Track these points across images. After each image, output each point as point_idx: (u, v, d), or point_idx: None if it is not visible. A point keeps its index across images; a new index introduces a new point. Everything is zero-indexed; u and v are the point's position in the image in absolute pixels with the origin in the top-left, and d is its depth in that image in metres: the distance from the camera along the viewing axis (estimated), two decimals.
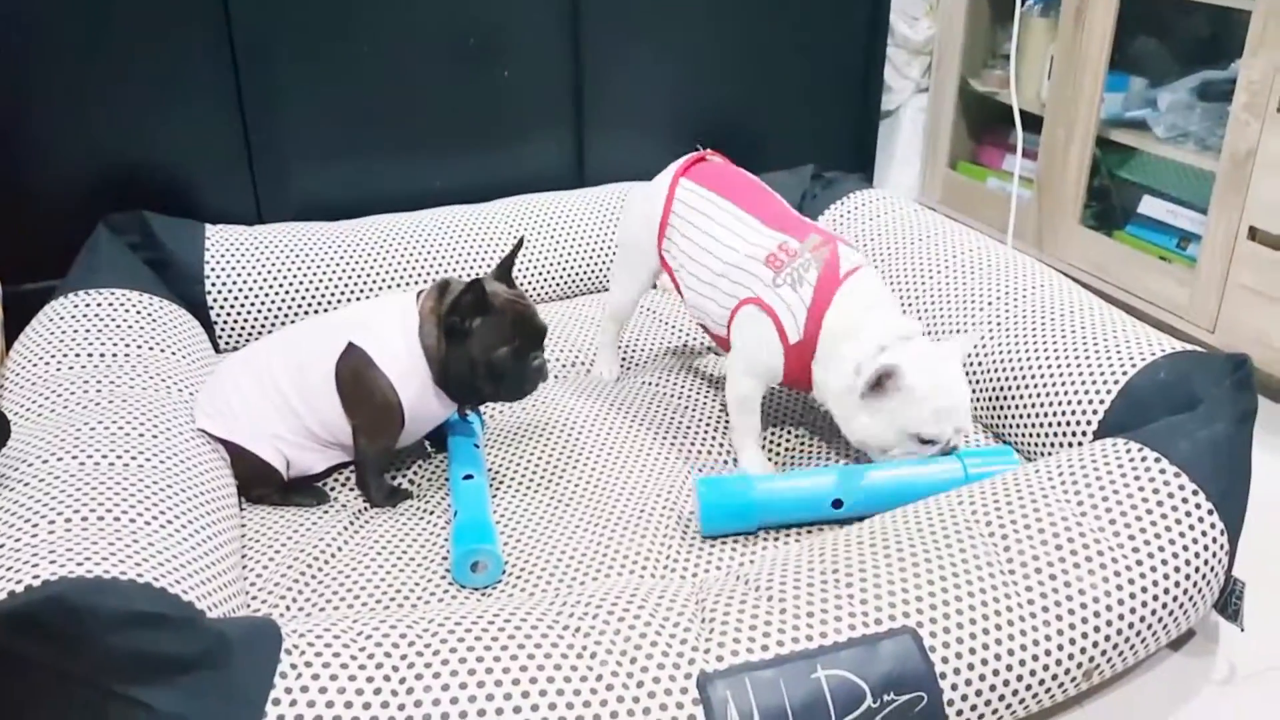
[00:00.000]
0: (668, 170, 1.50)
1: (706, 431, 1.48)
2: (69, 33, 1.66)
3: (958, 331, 1.54)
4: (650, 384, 1.59)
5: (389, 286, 1.74)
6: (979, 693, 0.97)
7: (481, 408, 1.47)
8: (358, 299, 1.72)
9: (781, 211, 1.41)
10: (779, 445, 1.47)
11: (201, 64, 1.75)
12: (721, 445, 1.46)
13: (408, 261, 1.76)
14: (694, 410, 1.53)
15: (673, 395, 1.57)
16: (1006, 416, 1.44)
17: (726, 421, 1.49)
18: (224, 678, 0.86)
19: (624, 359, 1.68)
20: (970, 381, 1.50)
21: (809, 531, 1.27)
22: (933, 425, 1.26)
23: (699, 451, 1.44)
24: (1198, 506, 1.10)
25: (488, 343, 1.24)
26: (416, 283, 1.75)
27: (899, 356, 1.23)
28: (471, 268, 1.79)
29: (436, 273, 1.77)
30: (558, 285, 1.87)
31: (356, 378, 1.26)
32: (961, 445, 1.30)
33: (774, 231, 1.36)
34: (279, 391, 1.28)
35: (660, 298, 1.86)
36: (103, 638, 0.83)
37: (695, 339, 1.74)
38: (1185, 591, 1.08)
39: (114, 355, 1.36)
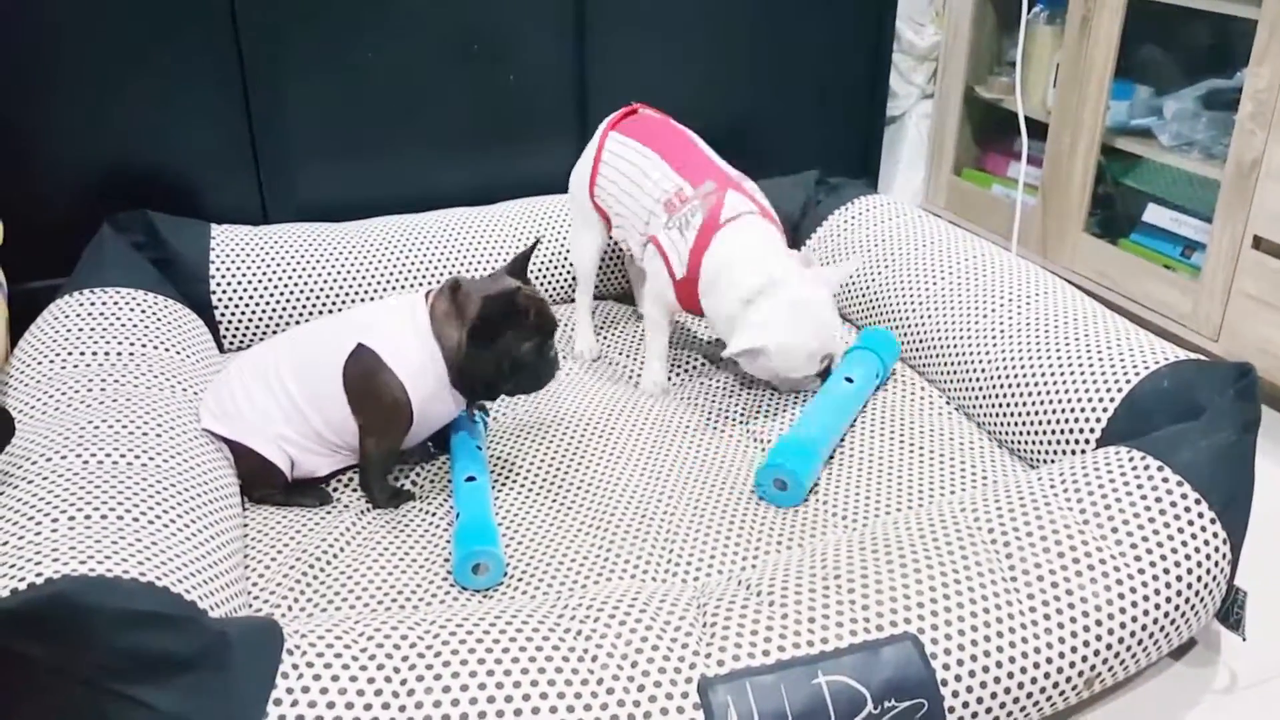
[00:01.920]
0: (601, 126, 1.66)
1: (708, 433, 1.48)
2: (77, 32, 1.67)
3: (961, 338, 1.54)
4: None
5: (394, 288, 1.74)
6: (980, 700, 0.97)
7: (487, 407, 1.47)
8: (363, 300, 1.72)
9: (694, 159, 1.55)
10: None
11: (208, 64, 1.76)
12: (725, 446, 1.46)
13: (413, 263, 1.76)
14: (696, 412, 1.53)
15: (674, 397, 1.57)
16: (1009, 423, 1.44)
17: (728, 422, 1.51)
18: (225, 678, 0.87)
19: (624, 361, 1.68)
20: (973, 387, 1.50)
21: (811, 537, 1.28)
22: (800, 370, 1.47)
23: (700, 453, 1.44)
24: (1200, 515, 1.10)
25: (515, 342, 1.26)
26: (421, 284, 1.76)
27: (753, 331, 1.41)
28: (476, 269, 1.79)
29: (441, 274, 1.77)
30: (562, 288, 1.87)
31: (366, 378, 1.26)
32: (835, 364, 1.54)
33: (677, 177, 1.52)
34: (286, 393, 1.28)
35: None
36: (104, 636, 0.83)
37: (696, 341, 1.74)
38: (1187, 600, 1.08)
39: (118, 354, 1.37)
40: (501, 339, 1.25)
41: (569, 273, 1.87)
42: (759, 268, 1.43)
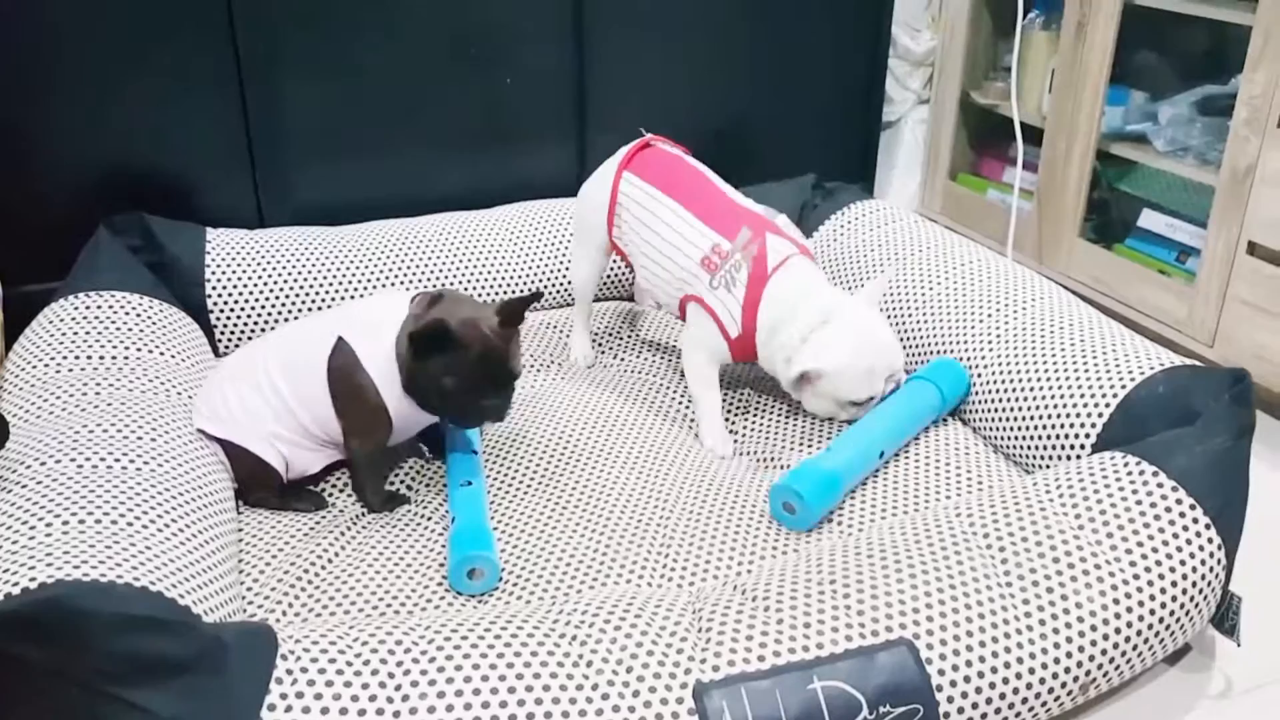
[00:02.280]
0: (611, 161, 1.60)
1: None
2: (73, 35, 1.67)
3: (957, 343, 1.54)
4: (650, 392, 1.59)
5: None
6: (975, 705, 0.97)
7: None
8: None
9: (717, 204, 1.50)
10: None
11: (205, 67, 1.75)
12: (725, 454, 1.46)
13: (409, 267, 1.76)
14: (691, 419, 1.53)
15: (673, 403, 1.57)
16: (1004, 428, 1.44)
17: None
18: (219, 682, 0.86)
19: (619, 367, 1.68)
20: (970, 392, 1.50)
21: (806, 542, 1.28)
22: (864, 390, 1.43)
23: (696, 459, 1.44)
24: (1195, 521, 1.10)
25: (442, 369, 1.22)
26: (417, 288, 1.75)
27: (811, 353, 1.39)
28: (472, 274, 1.79)
29: (437, 278, 1.77)
30: (559, 292, 1.87)
31: (346, 377, 1.25)
32: (895, 386, 1.46)
33: (709, 231, 1.47)
34: (275, 390, 1.28)
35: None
36: (99, 641, 0.83)
37: None
38: (1182, 606, 1.08)
39: (113, 358, 1.36)
40: (432, 362, 1.22)
41: (564, 278, 1.86)
42: (814, 304, 1.41)
